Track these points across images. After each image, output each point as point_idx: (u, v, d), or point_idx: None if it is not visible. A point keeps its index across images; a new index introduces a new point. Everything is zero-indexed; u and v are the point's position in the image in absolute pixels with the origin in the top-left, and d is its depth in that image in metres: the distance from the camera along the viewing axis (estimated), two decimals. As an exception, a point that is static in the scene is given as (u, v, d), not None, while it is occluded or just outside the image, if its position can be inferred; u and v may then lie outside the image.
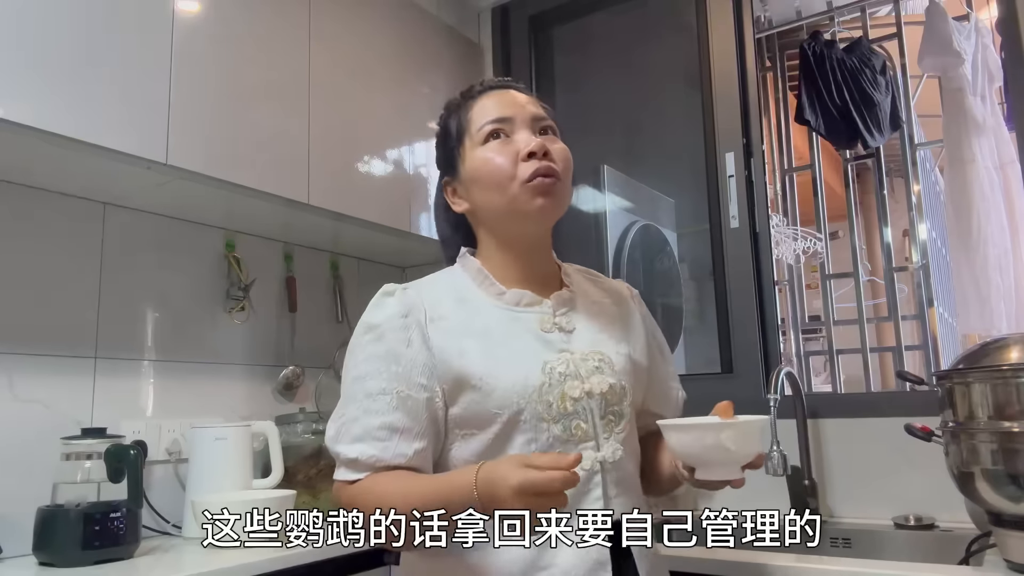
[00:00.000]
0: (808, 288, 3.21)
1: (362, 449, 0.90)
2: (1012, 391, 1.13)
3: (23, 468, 1.49)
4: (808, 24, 2.83)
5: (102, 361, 1.68)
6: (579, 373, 0.96)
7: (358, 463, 0.91)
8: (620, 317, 1.09)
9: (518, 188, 0.97)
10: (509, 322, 0.98)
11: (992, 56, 2.56)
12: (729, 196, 2.00)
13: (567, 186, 1.02)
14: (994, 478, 1.13)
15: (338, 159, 1.88)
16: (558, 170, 0.99)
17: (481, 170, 0.99)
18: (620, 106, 2.45)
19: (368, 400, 0.91)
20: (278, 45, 1.76)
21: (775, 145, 3.12)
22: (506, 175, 0.97)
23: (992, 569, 1.16)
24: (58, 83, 1.32)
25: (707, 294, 2.12)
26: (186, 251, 1.88)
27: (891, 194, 3.12)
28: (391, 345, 0.93)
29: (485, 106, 1.02)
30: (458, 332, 0.95)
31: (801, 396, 1.74)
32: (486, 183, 0.99)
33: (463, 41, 2.43)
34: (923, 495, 1.61)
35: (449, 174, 1.06)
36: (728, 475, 0.87)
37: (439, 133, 1.09)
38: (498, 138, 1.00)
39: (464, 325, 0.96)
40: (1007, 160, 2.45)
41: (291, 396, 2.09)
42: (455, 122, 1.05)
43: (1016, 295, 2.38)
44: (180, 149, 1.49)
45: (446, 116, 1.08)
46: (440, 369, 0.93)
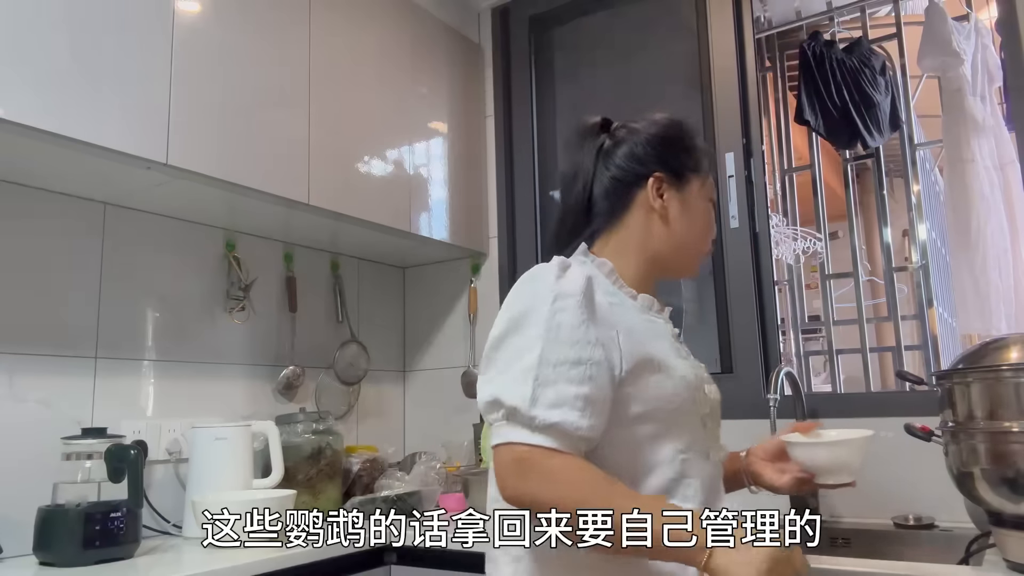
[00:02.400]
0: (808, 288, 3.20)
1: (564, 415, 0.85)
2: (1012, 391, 1.13)
3: (23, 468, 1.49)
4: (808, 24, 2.83)
5: (102, 361, 1.68)
6: (704, 379, 1.07)
7: (558, 429, 0.85)
8: None
9: (699, 253, 1.14)
10: (649, 322, 1.04)
11: (992, 56, 2.56)
12: (729, 196, 2.00)
13: None
14: (994, 478, 1.13)
15: (338, 159, 1.88)
16: None
17: (700, 217, 1.12)
18: (620, 106, 2.45)
19: (562, 367, 0.88)
20: (278, 45, 1.76)
21: (775, 145, 3.12)
22: (705, 235, 1.13)
23: (992, 569, 1.16)
24: (58, 83, 1.32)
25: (707, 294, 2.12)
26: (186, 251, 1.89)
27: (891, 194, 3.12)
28: (581, 316, 0.92)
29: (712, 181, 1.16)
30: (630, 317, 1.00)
31: (801, 396, 1.74)
32: (693, 226, 1.11)
33: (463, 41, 2.44)
34: (923, 495, 1.62)
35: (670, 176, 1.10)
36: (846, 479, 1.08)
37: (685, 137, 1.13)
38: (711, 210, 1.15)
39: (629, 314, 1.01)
40: (1007, 160, 2.45)
41: (291, 396, 2.09)
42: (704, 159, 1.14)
43: (1015, 295, 2.38)
44: (180, 149, 1.49)
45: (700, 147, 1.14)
46: (625, 348, 0.94)
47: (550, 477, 0.85)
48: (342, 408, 2.24)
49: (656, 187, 1.08)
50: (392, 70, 2.10)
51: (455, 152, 2.31)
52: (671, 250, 1.09)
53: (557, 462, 0.85)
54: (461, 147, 2.34)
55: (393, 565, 1.63)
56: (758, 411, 1.61)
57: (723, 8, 2.08)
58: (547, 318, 0.91)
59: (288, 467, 1.80)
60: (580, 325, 0.91)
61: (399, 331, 2.51)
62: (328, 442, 1.93)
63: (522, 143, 2.43)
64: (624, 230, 1.09)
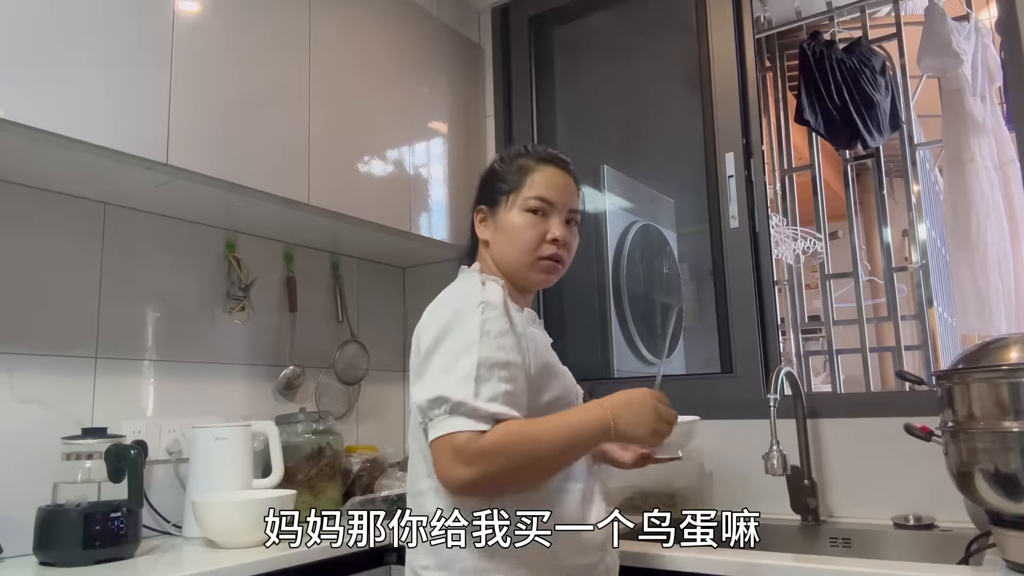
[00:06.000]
0: (808, 288, 3.21)
1: (498, 407, 1.00)
2: (1012, 391, 1.13)
3: (23, 468, 1.49)
4: (808, 24, 2.83)
5: (102, 361, 1.68)
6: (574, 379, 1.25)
7: (496, 418, 1.00)
8: None
9: (534, 260, 1.19)
10: (535, 332, 1.19)
11: (992, 56, 2.56)
12: (729, 196, 2.00)
13: (566, 269, 1.24)
14: (994, 478, 1.13)
15: (338, 159, 1.88)
16: (565, 260, 1.22)
17: (515, 230, 1.19)
18: (620, 106, 2.46)
19: (496, 368, 1.02)
20: (278, 45, 1.76)
21: (775, 145, 3.12)
22: (530, 245, 1.18)
23: (992, 569, 1.16)
24: (58, 83, 1.32)
25: (707, 294, 2.12)
26: (186, 251, 1.89)
27: (891, 194, 3.12)
28: (505, 325, 1.07)
29: (541, 181, 1.20)
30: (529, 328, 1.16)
31: (801, 396, 1.74)
32: (513, 242, 1.19)
33: (463, 41, 2.44)
34: (923, 495, 1.61)
35: (486, 206, 1.24)
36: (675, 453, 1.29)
37: (491, 169, 1.27)
38: (536, 214, 1.19)
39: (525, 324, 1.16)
40: (1006, 160, 2.46)
41: (291, 396, 2.09)
42: (513, 175, 1.22)
43: (1015, 295, 2.39)
44: (180, 149, 1.49)
45: (506, 163, 1.25)
46: (532, 355, 1.11)
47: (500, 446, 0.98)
48: (342, 408, 2.24)
49: (478, 220, 1.25)
50: (392, 70, 2.10)
51: (455, 152, 2.31)
52: (506, 267, 1.21)
53: (493, 435, 0.99)
54: (461, 147, 2.34)
55: (393, 565, 1.63)
56: (758, 411, 1.61)
57: (723, 8, 2.08)
58: (478, 325, 1.05)
59: (288, 467, 1.80)
60: (505, 333, 1.06)
61: (399, 331, 2.51)
62: (328, 442, 1.93)
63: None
64: (480, 259, 1.25)
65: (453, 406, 0.99)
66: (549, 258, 1.19)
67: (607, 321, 2.33)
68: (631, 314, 2.17)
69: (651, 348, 2.34)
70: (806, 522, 1.69)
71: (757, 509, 1.81)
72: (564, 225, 1.21)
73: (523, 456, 0.99)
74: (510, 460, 0.98)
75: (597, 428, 1.02)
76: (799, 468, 1.72)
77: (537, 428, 1.02)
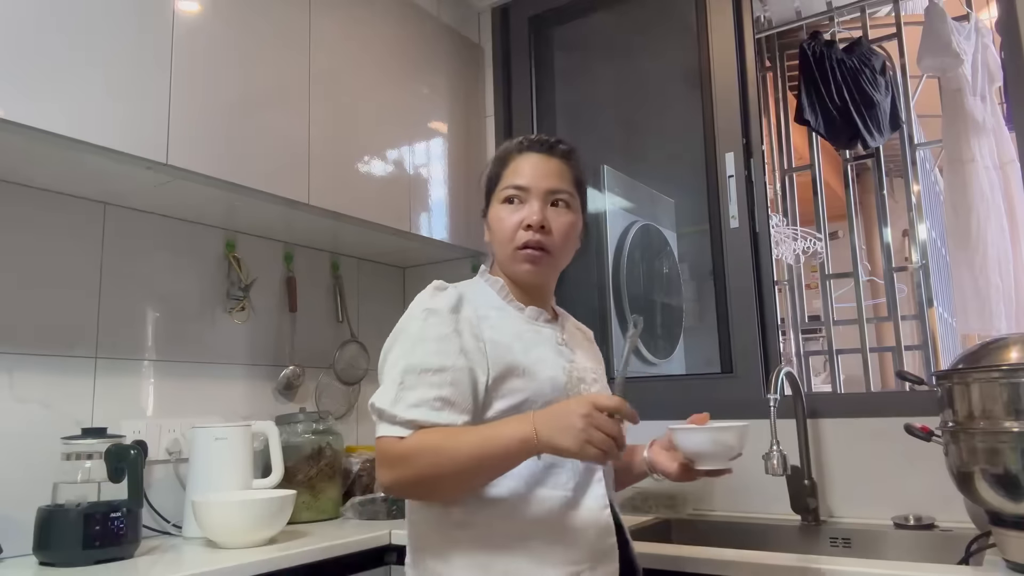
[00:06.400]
0: (808, 288, 3.21)
1: (420, 413, 1.00)
2: (1012, 391, 1.13)
3: (23, 468, 1.49)
4: (808, 24, 2.83)
5: (102, 361, 1.68)
6: (584, 380, 1.16)
7: (415, 424, 1.01)
8: (593, 350, 1.33)
9: (512, 250, 1.16)
10: (534, 332, 1.16)
11: (992, 56, 2.56)
12: (729, 196, 2.00)
13: (560, 255, 1.19)
14: (994, 478, 1.13)
15: (338, 159, 1.88)
16: (548, 245, 1.15)
17: (493, 224, 1.19)
18: (620, 106, 2.46)
19: (426, 374, 1.03)
20: (278, 45, 1.76)
21: (775, 145, 3.13)
22: (507, 236, 1.16)
23: (992, 569, 1.16)
24: (58, 83, 1.32)
25: (707, 294, 2.12)
26: (186, 251, 1.89)
27: (891, 194, 3.12)
28: (446, 330, 1.06)
29: (515, 169, 1.18)
30: (502, 330, 1.12)
31: (801, 396, 1.74)
32: (495, 236, 1.19)
33: (463, 41, 2.44)
34: (923, 495, 1.62)
35: (485, 207, 1.24)
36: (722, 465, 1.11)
37: (486, 172, 1.25)
38: (512, 203, 1.17)
39: (505, 326, 1.13)
40: (1007, 160, 2.45)
41: (291, 396, 2.09)
42: (496, 171, 1.22)
43: (1015, 295, 2.38)
44: (180, 149, 1.49)
45: (493, 162, 1.24)
46: (492, 357, 1.07)
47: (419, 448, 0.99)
48: (342, 408, 2.24)
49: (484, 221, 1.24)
50: (392, 70, 2.10)
51: (455, 152, 2.31)
52: (501, 266, 1.21)
53: (408, 442, 1.00)
54: (461, 147, 2.34)
55: (393, 565, 1.63)
56: (758, 411, 1.61)
57: (723, 8, 2.08)
58: (416, 332, 1.07)
59: (288, 467, 1.80)
60: (445, 337, 1.05)
61: (399, 331, 2.51)
62: (328, 442, 1.93)
63: (522, 143, 2.43)
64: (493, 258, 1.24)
65: (379, 412, 1.03)
66: (526, 246, 1.14)
67: (607, 321, 2.33)
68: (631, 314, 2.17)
69: (652, 348, 2.34)
70: (806, 522, 1.69)
71: (757, 509, 1.82)
72: (545, 208, 1.15)
73: (431, 465, 0.99)
74: (419, 467, 0.99)
75: (515, 440, 0.96)
76: (799, 468, 1.72)
77: (452, 438, 0.99)
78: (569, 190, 1.19)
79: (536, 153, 1.19)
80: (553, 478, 1.07)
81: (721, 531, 1.74)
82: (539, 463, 1.05)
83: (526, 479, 1.05)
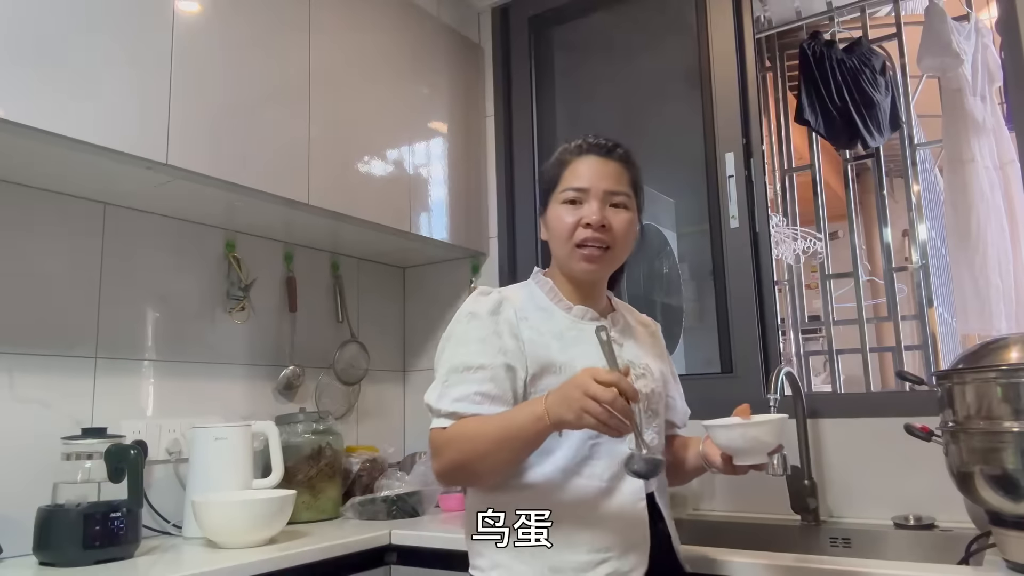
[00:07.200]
0: (808, 288, 3.21)
1: (461, 406, 1.11)
2: (1012, 391, 1.13)
3: (23, 468, 1.49)
4: (808, 24, 2.83)
5: (102, 361, 1.68)
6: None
7: (456, 415, 1.11)
8: (652, 343, 1.36)
9: (571, 248, 1.21)
10: (578, 330, 1.21)
11: (992, 56, 2.56)
12: (729, 196, 2.00)
13: (618, 251, 1.24)
14: (994, 478, 1.13)
15: (338, 159, 1.88)
16: (609, 241, 1.20)
17: (553, 223, 1.24)
18: (620, 106, 2.45)
19: (467, 372, 1.13)
20: (278, 45, 1.76)
21: (775, 145, 3.13)
22: (566, 234, 1.21)
23: (992, 569, 1.16)
24: (58, 83, 1.32)
25: (707, 294, 2.12)
26: (186, 251, 1.88)
27: (891, 194, 3.12)
28: (486, 332, 1.16)
29: (575, 171, 1.23)
30: (542, 330, 1.18)
31: (801, 396, 1.74)
32: (554, 234, 1.24)
33: (463, 41, 2.44)
34: (923, 495, 1.61)
35: (542, 207, 1.29)
36: (759, 460, 1.14)
37: (541, 172, 1.30)
38: (573, 204, 1.21)
39: (545, 326, 1.19)
40: (1006, 160, 2.46)
41: (291, 396, 2.09)
42: (554, 172, 1.26)
43: (1015, 295, 2.39)
44: (180, 149, 1.49)
45: (552, 163, 1.27)
46: (529, 355, 1.15)
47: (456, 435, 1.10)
48: (342, 408, 2.24)
49: (541, 221, 1.29)
50: (392, 70, 2.10)
51: (455, 152, 2.31)
52: (559, 265, 1.26)
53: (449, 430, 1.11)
54: (461, 147, 2.34)
55: (393, 565, 1.63)
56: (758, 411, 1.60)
57: (723, 8, 2.08)
58: (460, 335, 1.17)
59: (288, 467, 1.80)
60: (485, 339, 1.15)
61: (399, 331, 2.51)
62: (328, 442, 1.93)
63: (522, 143, 2.43)
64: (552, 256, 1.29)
65: (428, 408, 1.14)
66: (585, 243, 1.19)
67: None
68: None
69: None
70: (806, 522, 1.69)
71: (757, 509, 1.82)
72: (604, 208, 1.20)
73: (465, 449, 1.09)
74: (456, 452, 1.09)
75: (529, 419, 1.03)
76: (799, 468, 1.72)
77: (481, 424, 1.09)
78: (627, 191, 1.23)
79: (595, 156, 1.23)
80: (589, 468, 1.12)
81: (721, 531, 1.74)
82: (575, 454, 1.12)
83: (562, 468, 1.12)
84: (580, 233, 1.19)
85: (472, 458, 1.09)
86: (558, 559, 1.09)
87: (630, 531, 1.13)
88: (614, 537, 1.11)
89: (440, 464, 1.12)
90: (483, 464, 1.09)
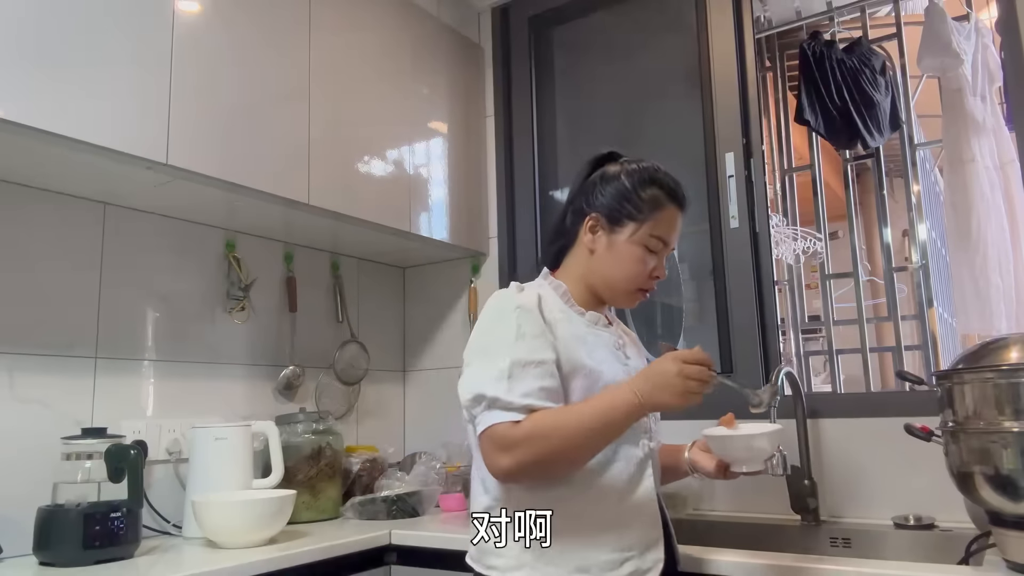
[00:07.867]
0: (808, 288, 3.21)
1: (532, 400, 1.08)
2: (1012, 391, 1.13)
3: (23, 468, 1.49)
4: (808, 24, 2.83)
5: (102, 361, 1.68)
6: None
7: (528, 408, 1.08)
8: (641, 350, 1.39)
9: (632, 289, 1.25)
10: (594, 336, 1.24)
11: (992, 56, 2.56)
12: (729, 196, 2.00)
13: None
14: (994, 478, 1.13)
15: (338, 159, 1.88)
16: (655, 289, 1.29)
17: (626, 258, 1.24)
18: (620, 106, 2.45)
19: (530, 367, 1.11)
20: (279, 45, 1.76)
21: (775, 145, 3.13)
22: (635, 276, 1.24)
23: (992, 569, 1.16)
24: (58, 83, 1.32)
25: (707, 294, 2.12)
26: (186, 251, 1.89)
27: (891, 194, 3.12)
28: (540, 327, 1.15)
29: (669, 222, 1.25)
30: (569, 332, 1.19)
31: (801, 396, 1.74)
32: (620, 266, 1.24)
33: (463, 41, 2.44)
34: (923, 495, 1.61)
35: (605, 218, 1.25)
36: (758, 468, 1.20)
37: (623, 186, 1.25)
38: (651, 252, 1.24)
39: (570, 329, 1.20)
40: (1007, 160, 2.45)
41: (291, 396, 2.09)
42: (644, 204, 1.24)
43: (1016, 295, 2.39)
44: (180, 149, 1.49)
45: (648, 194, 1.24)
46: (563, 356, 1.15)
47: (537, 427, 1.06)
48: (342, 408, 2.24)
49: (590, 225, 1.25)
50: (392, 70, 2.10)
51: (455, 152, 2.31)
52: (599, 282, 1.26)
53: (526, 423, 1.07)
54: (461, 147, 2.34)
55: (393, 565, 1.63)
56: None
57: (723, 8, 2.08)
58: (514, 327, 1.13)
59: (288, 467, 1.80)
60: (540, 334, 1.14)
61: (399, 331, 2.51)
62: (328, 442, 1.93)
63: (522, 143, 2.43)
64: (572, 256, 1.29)
65: (490, 402, 1.08)
66: (644, 291, 1.26)
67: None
68: (631, 313, 2.17)
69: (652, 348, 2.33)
70: (806, 522, 1.69)
71: (757, 509, 1.82)
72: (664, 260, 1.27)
73: (549, 442, 1.06)
74: (539, 446, 1.05)
75: (622, 404, 1.06)
76: (799, 468, 1.72)
77: (563, 415, 1.08)
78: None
79: (679, 208, 1.27)
80: (611, 470, 1.15)
81: (721, 531, 1.74)
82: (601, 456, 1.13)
83: (589, 470, 1.13)
84: (647, 283, 1.25)
85: (557, 449, 1.06)
86: (585, 559, 1.10)
87: (649, 530, 1.16)
88: (635, 536, 1.14)
89: (515, 459, 1.06)
90: (567, 456, 1.08)
